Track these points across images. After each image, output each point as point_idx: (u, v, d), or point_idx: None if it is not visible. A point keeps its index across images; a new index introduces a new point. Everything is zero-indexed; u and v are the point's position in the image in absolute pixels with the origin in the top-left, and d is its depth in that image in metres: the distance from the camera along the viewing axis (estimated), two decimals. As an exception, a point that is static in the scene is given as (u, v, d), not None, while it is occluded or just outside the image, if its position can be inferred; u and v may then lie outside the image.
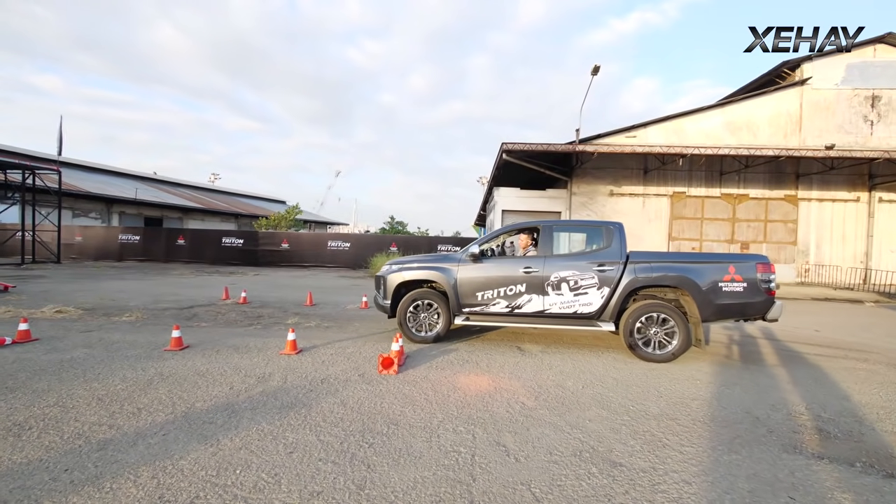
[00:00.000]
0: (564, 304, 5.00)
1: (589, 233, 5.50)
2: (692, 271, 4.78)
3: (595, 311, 4.95)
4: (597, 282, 4.92)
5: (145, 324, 6.22)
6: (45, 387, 3.55)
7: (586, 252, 5.22)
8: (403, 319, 5.39)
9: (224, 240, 19.86)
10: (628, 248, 5.12)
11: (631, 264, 4.92)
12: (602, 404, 3.46)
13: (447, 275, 5.31)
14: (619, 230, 5.17)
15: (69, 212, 23.76)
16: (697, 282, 4.72)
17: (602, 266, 4.94)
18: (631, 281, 4.86)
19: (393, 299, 5.53)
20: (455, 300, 5.26)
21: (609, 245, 5.08)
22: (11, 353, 4.50)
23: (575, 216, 18.40)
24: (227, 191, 48.00)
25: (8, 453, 2.47)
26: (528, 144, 15.42)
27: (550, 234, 5.29)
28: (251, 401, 3.35)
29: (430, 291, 5.41)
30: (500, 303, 5.15)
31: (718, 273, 4.74)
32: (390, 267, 5.69)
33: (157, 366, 4.18)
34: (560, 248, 5.35)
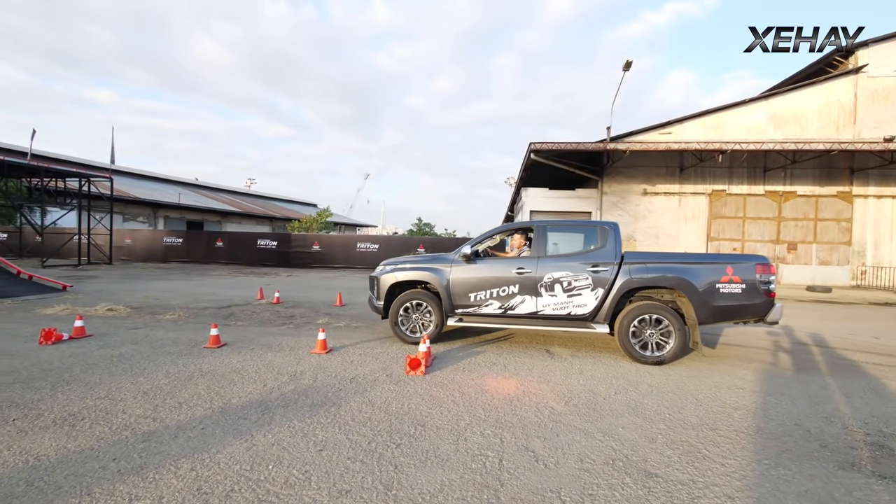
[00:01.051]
0: (558, 305, 4.92)
1: (583, 233, 5.41)
2: (688, 272, 4.68)
3: (589, 313, 4.86)
4: (591, 283, 4.84)
5: (186, 322, 6.53)
6: (97, 380, 3.78)
7: (580, 253, 5.12)
8: (395, 320, 5.37)
9: (259, 242, 20.64)
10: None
11: (626, 265, 4.84)
12: (636, 411, 3.33)
13: (440, 275, 5.27)
14: (613, 230, 5.09)
15: (120, 216, 25.40)
16: (694, 283, 4.62)
17: (596, 267, 4.86)
18: (626, 282, 4.77)
19: (386, 300, 5.50)
20: (448, 301, 5.22)
21: (604, 245, 5.00)
22: (68, 347, 4.84)
23: (606, 216, 17.91)
24: (262, 195, 49.91)
25: (63, 441, 2.65)
26: (556, 144, 15.14)
27: (544, 235, 5.22)
28: (283, 398, 3.44)
29: (422, 292, 5.37)
30: (493, 304, 5.10)
31: (716, 274, 4.64)
32: (384, 267, 5.67)
33: (196, 362, 4.38)
34: (554, 249, 5.24)
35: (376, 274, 5.66)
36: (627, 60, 14.87)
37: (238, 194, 45.17)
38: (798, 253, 16.74)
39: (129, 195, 25.83)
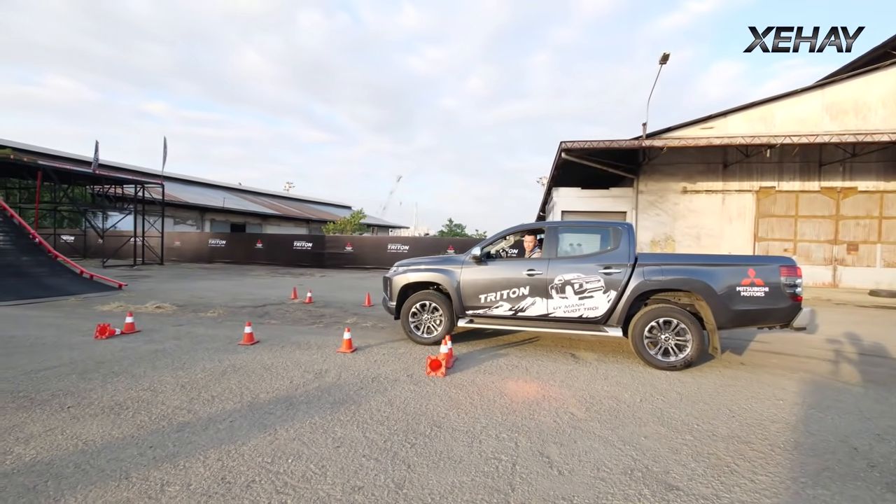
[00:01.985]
0: (569, 307, 4.82)
1: (595, 234, 5.26)
2: (706, 274, 4.49)
3: (601, 316, 4.73)
4: (602, 285, 4.71)
5: (225, 320, 6.91)
6: (142, 373, 4.08)
7: (592, 254, 5.00)
8: (406, 321, 5.42)
9: (295, 243, 21.46)
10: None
11: (639, 267, 4.68)
12: (661, 420, 3.19)
13: (450, 277, 5.28)
14: (627, 231, 4.93)
15: (171, 220, 27.21)
16: (712, 286, 4.43)
17: (608, 269, 4.73)
18: (639, 284, 4.62)
19: (398, 300, 5.56)
20: (458, 302, 5.22)
21: (616, 247, 4.86)
22: (119, 342, 5.25)
23: (643, 216, 17.26)
24: (300, 198, 51.83)
25: (108, 428, 2.88)
26: (588, 142, 14.75)
27: (555, 236, 5.13)
28: (307, 395, 3.57)
29: (434, 293, 5.40)
30: (503, 305, 5.06)
31: (736, 277, 4.43)
32: (397, 269, 5.73)
33: (231, 358, 4.63)
34: (565, 250, 5.17)
35: (389, 275, 5.74)
36: (664, 53, 14.27)
37: (277, 198, 47.17)
38: (859, 254, 15.41)
39: (178, 200, 27.63)
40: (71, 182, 18.44)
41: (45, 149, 27.46)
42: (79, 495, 2.13)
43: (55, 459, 2.47)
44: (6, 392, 3.52)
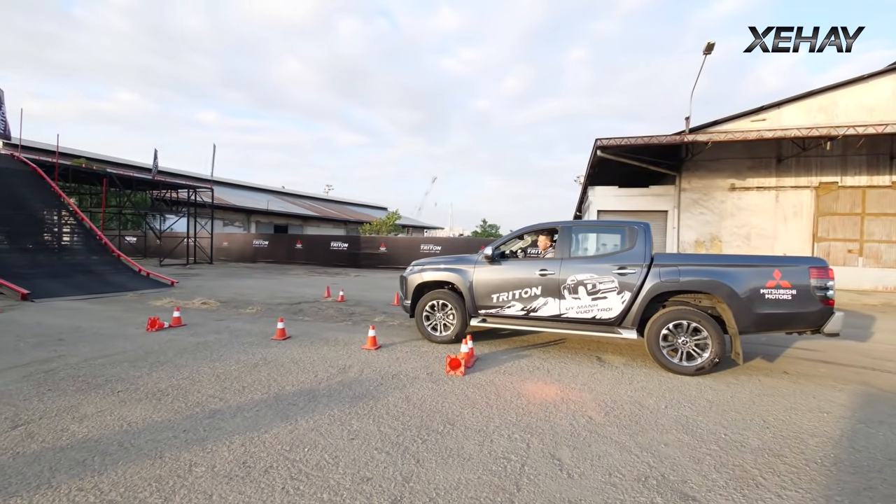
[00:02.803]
0: (582, 308, 4.73)
1: (610, 233, 5.13)
2: (727, 276, 4.30)
3: (615, 317, 4.61)
4: (616, 286, 4.60)
5: (262, 316, 7.30)
6: (184, 363, 4.41)
7: (606, 254, 4.91)
8: (421, 319, 5.51)
9: (332, 244, 22.21)
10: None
11: (655, 267, 4.54)
12: (686, 428, 3.05)
13: (463, 276, 5.31)
14: (643, 230, 4.78)
15: (220, 221, 29.00)
16: (733, 287, 4.24)
17: (623, 269, 4.61)
18: (655, 285, 4.47)
19: (413, 299, 5.66)
20: (471, 302, 5.24)
21: (632, 247, 4.71)
22: (167, 335, 5.68)
23: (686, 215, 16.42)
24: (338, 200, 53.56)
25: (150, 412, 3.15)
26: (625, 139, 14.22)
27: (569, 236, 5.06)
28: (329, 389, 3.72)
29: (447, 292, 5.43)
30: (516, 305, 5.03)
31: (760, 278, 4.23)
32: (413, 268, 5.82)
33: (263, 352, 4.89)
34: (579, 250, 5.08)
35: (406, 274, 5.85)
36: (709, 43, 13.53)
37: (317, 200, 49.00)
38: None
39: (227, 203, 29.40)
40: (133, 187, 20.12)
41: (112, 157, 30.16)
42: (119, 471, 2.36)
43: (103, 437, 2.74)
44: (69, 377, 3.92)
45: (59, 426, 2.89)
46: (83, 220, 12.98)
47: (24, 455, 2.51)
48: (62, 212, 13.00)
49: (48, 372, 4.03)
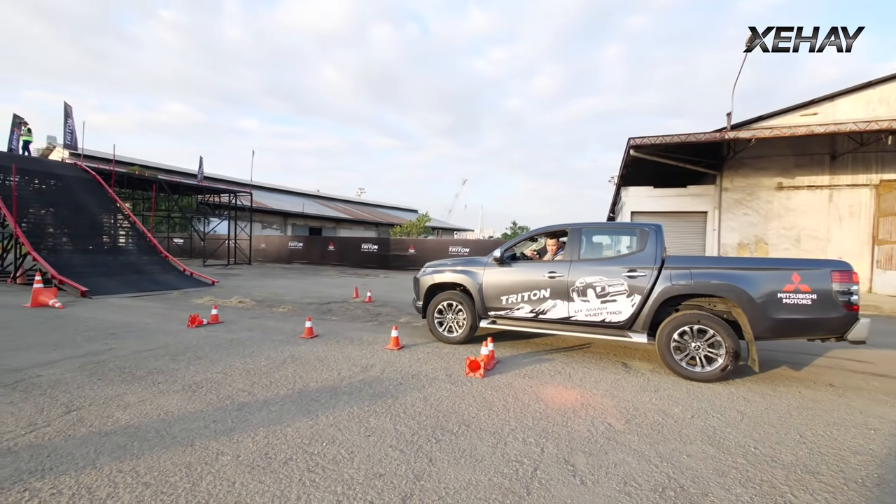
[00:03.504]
0: (591, 311, 4.69)
1: (620, 235, 5.04)
2: (741, 279, 4.16)
3: (625, 321, 4.54)
4: (626, 288, 4.53)
5: (293, 315, 7.59)
6: (218, 358, 4.67)
7: (616, 257, 4.85)
8: (432, 320, 5.61)
9: (363, 246, 22.73)
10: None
11: (666, 270, 4.45)
12: (712, 440, 2.91)
13: (473, 278, 5.36)
14: (655, 232, 4.69)
15: (259, 224, 30.38)
16: (748, 291, 4.09)
17: (632, 272, 4.54)
18: (665, 289, 4.38)
19: (425, 300, 5.77)
20: (480, 303, 5.29)
21: (642, 249, 4.64)
22: (205, 331, 6.03)
23: (727, 216, 15.60)
24: (370, 202, 54.70)
25: (185, 403, 3.37)
26: (660, 137, 13.71)
27: (578, 238, 5.01)
28: (351, 386, 3.83)
29: (458, 294, 5.50)
30: (524, 307, 5.03)
31: (777, 282, 4.06)
32: (425, 270, 5.92)
33: (291, 349, 5.10)
34: (588, 252, 5.00)
35: (418, 275, 5.96)
36: (751, 35, 12.81)
37: (350, 203, 50.27)
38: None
39: (265, 206, 30.72)
40: (180, 192, 21.44)
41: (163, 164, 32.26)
42: (154, 456, 2.54)
43: (142, 425, 2.96)
44: (117, 368, 4.25)
45: (105, 413, 3.15)
46: (135, 223, 13.98)
47: (74, 438, 2.75)
48: (118, 216, 14.07)
49: (99, 363, 4.39)
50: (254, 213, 24.32)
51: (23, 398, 3.40)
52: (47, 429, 2.87)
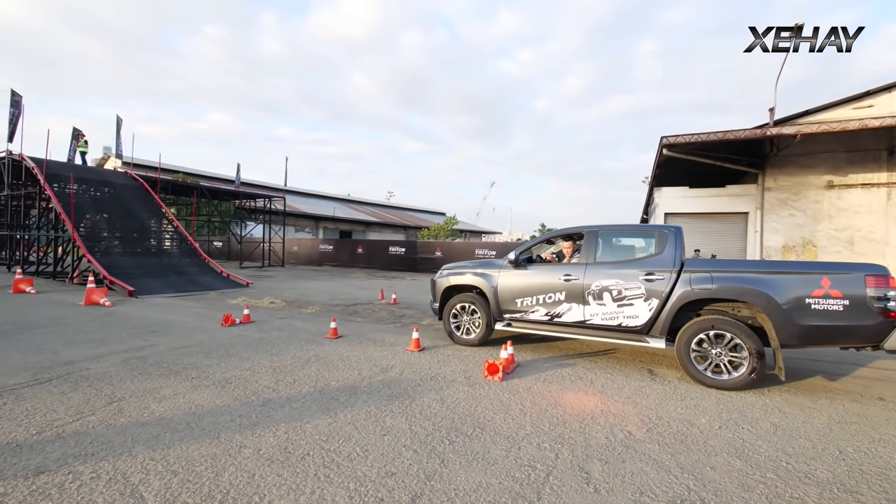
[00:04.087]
0: (607, 315, 4.60)
1: (638, 238, 4.93)
2: (766, 283, 3.98)
3: (642, 325, 4.43)
4: (643, 292, 4.42)
5: (319, 315, 7.82)
6: (248, 356, 4.89)
7: (633, 260, 4.73)
8: (448, 322, 5.68)
9: (390, 249, 23.07)
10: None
11: (686, 273, 4.31)
12: (740, 453, 2.77)
13: (489, 281, 5.37)
14: (674, 235, 4.57)
15: (292, 227, 31.46)
16: (773, 296, 3.91)
17: (650, 275, 4.42)
18: (684, 293, 4.25)
19: (441, 302, 5.83)
20: (496, 306, 5.29)
21: (661, 252, 4.52)
22: (237, 330, 6.32)
23: (770, 217, 14.75)
24: (399, 206, 55.45)
25: (214, 398, 3.55)
26: (695, 135, 13.15)
27: (594, 240, 4.93)
28: (370, 386, 3.91)
29: (473, 296, 5.53)
30: (539, 310, 5.00)
31: (805, 287, 3.87)
32: (442, 272, 5.97)
33: (316, 349, 5.26)
34: (605, 255, 4.90)
35: (435, 278, 6.02)
36: (797, 24, 12.10)
37: (379, 206, 51.17)
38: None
39: (298, 210, 31.80)
40: (219, 197, 22.57)
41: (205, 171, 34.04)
42: (183, 446, 2.70)
43: (175, 417, 3.15)
44: (156, 363, 4.53)
45: (142, 404, 3.37)
46: (178, 227, 14.84)
47: (114, 427, 2.97)
48: (163, 220, 14.98)
49: (140, 358, 4.69)
50: (287, 216, 25.23)
51: (72, 388, 3.69)
52: (91, 417, 3.11)
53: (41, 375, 4.02)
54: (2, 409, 3.22)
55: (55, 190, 12.61)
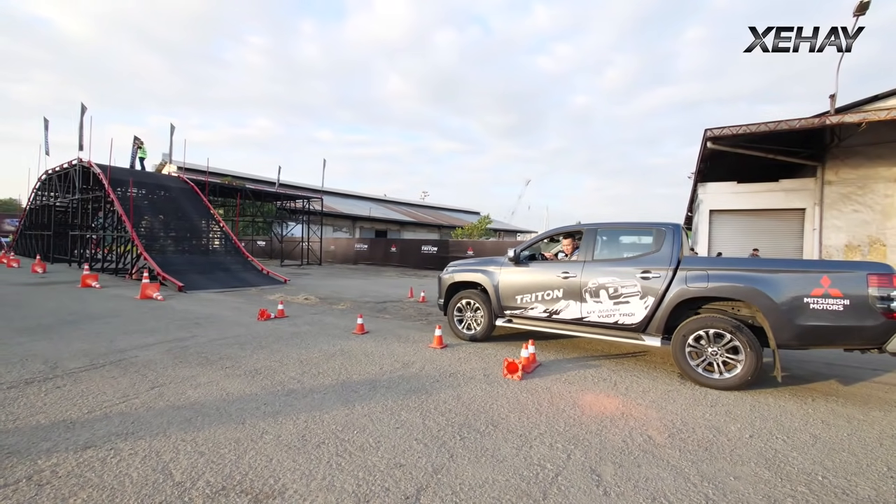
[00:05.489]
0: (603, 312, 4.62)
1: (636, 236, 4.84)
2: (762, 282, 3.88)
3: (638, 323, 4.42)
4: (639, 290, 4.41)
5: (349, 312, 8.06)
6: (278, 348, 5.14)
7: (630, 257, 4.70)
8: (451, 317, 5.88)
9: (423, 248, 23.33)
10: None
11: (682, 271, 4.27)
12: (770, 464, 2.59)
13: (490, 277, 5.51)
14: (672, 232, 4.52)
15: (329, 227, 32.55)
16: (770, 295, 3.81)
17: (646, 273, 4.41)
18: (680, 291, 4.21)
19: (446, 298, 6.04)
20: (497, 302, 5.42)
21: (658, 249, 4.49)
22: (272, 324, 6.65)
23: (831, 213, 13.58)
24: (433, 205, 55.89)
25: (244, 386, 3.76)
26: (743, 126, 12.32)
27: (593, 238, 4.96)
28: (390, 381, 4.00)
29: (476, 293, 5.70)
30: (538, 307, 5.08)
31: (804, 286, 3.76)
32: (448, 269, 6.18)
33: (342, 344, 5.43)
34: (602, 253, 4.90)
35: (442, 275, 6.23)
36: (861, 1, 11.05)
37: (414, 206, 51.83)
38: None
39: (335, 211, 32.86)
40: (262, 199, 23.76)
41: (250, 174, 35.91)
42: (212, 430, 2.89)
43: (207, 402, 3.38)
44: (196, 353, 4.87)
45: (180, 390, 3.64)
46: (224, 227, 15.78)
47: (153, 409, 3.22)
48: (210, 221, 15.99)
49: (183, 348, 5.05)
50: (324, 217, 26.15)
51: (122, 373, 4.05)
52: (135, 400, 3.39)
53: (97, 361, 4.43)
54: (61, 389, 3.59)
55: (117, 194, 13.79)
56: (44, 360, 4.39)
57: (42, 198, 20.57)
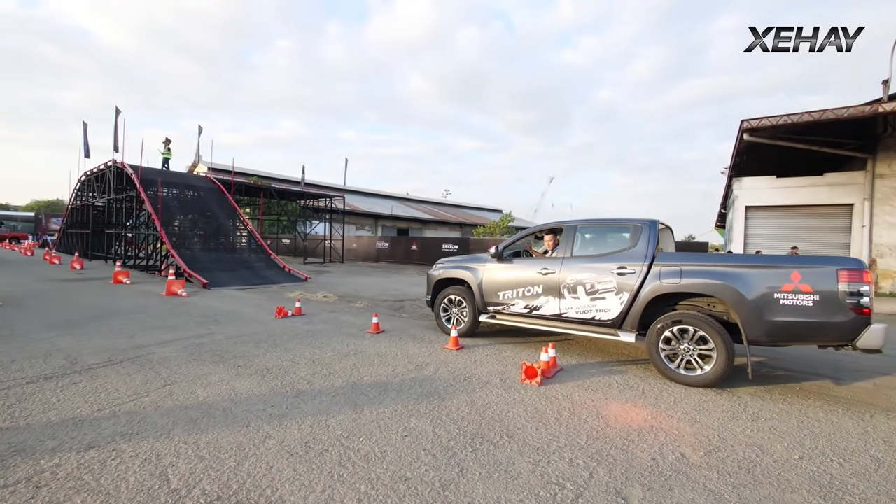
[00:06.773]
0: (581, 308, 4.66)
1: (613, 232, 4.92)
2: (733, 277, 3.87)
3: (614, 319, 4.45)
4: (615, 286, 4.44)
5: (366, 310, 7.97)
6: (292, 347, 5.07)
7: (606, 254, 4.70)
8: (437, 313, 5.99)
9: (443, 246, 23.18)
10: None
11: (656, 267, 4.27)
12: (824, 491, 2.26)
13: (474, 274, 5.60)
14: (647, 228, 4.52)
15: (352, 226, 32.89)
16: (741, 291, 3.79)
17: (622, 269, 4.44)
18: (654, 287, 4.21)
19: (433, 294, 6.14)
20: (480, 298, 5.50)
21: (634, 245, 4.51)
22: (288, 322, 6.63)
23: (883, 209, 12.61)
24: (455, 203, 55.70)
25: (253, 386, 3.69)
26: (783, 117, 11.54)
27: (572, 235, 5.00)
28: (401, 384, 3.84)
29: (461, 289, 5.76)
30: (519, 303, 5.15)
31: (774, 281, 3.73)
32: (436, 266, 6.32)
33: (356, 343, 5.32)
34: (581, 250, 4.93)
35: (430, 271, 6.35)
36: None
37: (436, 204, 51.79)
38: None
39: (357, 209, 33.17)
40: (286, 198, 24.18)
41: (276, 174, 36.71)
42: (215, 432, 2.80)
43: (215, 402, 3.31)
44: (211, 350, 4.86)
45: (189, 389, 3.59)
46: (248, 225, 16.10)
47: (161, 408, 3.18)
48: (236, 219, 16.34)
49: (199, 345, 5.06)
50: (347, 215, 26.42)
51: (137, 370, 4.05)
52: (145, 399, 3.36)
53: (115, 357, 4.47)
54: (77, 386, 3.61)
55: (148, 194, 14.26)
56: (66, 356, 4.47)
57: (82, 198, 21.61)
